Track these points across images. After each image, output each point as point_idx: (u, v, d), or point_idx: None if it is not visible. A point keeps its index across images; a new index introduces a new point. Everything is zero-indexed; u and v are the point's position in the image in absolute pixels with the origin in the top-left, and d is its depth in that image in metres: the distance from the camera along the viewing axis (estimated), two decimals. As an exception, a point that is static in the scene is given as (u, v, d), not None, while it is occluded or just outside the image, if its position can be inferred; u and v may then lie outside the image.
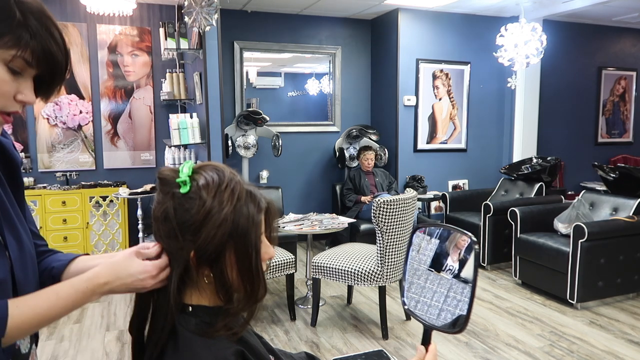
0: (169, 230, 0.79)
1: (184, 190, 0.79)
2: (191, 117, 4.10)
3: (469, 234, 0.88)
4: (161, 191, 0.81)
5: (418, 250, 0.96)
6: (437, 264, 0.91)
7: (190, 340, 0.78)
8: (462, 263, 0.87)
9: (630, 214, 3.81)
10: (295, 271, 3.51)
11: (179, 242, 0.79)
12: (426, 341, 0.90)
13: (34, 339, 0.95)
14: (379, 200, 3.07)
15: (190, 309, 0.82)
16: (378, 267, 3.13)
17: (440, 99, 5.52)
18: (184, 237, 0.78)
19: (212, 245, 0.77)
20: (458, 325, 0.86)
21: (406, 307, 0.96)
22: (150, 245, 0.85)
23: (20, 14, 0.70)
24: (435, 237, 0.93)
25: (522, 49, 4.45)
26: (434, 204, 5.57)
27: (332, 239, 5.08)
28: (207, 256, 0.78)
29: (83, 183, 4.61)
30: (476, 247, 0.86)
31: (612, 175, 4.19)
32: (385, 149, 5.38)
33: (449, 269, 0.89)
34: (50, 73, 0.76)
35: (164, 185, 0.81)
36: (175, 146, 4.25)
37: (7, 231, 0.84)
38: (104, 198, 4.52)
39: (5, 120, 0.77)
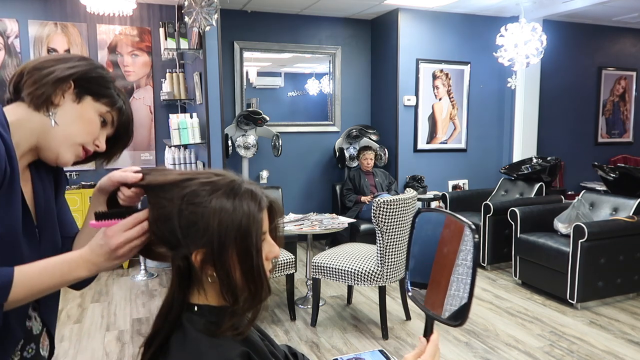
0: (169, 230, 0.79)
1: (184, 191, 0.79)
2: (191, 117, 4.10)
3: (468, 221, 0.85)
4: (158, 195, 0.82)
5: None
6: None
7: (197, 339, 0.78)
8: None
9: (630, 214, 3.81)
10: (295, 271, 3.51)
11: (179, 242, 0.79)
12: (428, 332, 0.87)
13: (46, 323, 1.02)
14: (379, 200, 3.07)
15: (196, 308, 0.82)
16: (378, 267, 3.13)
17: (440, 99, 5.52)
18: (185, 237, 0.78)
19: (214, 245, 0.77)
20: (459, 317, 0.82)
21: (410, 293, 0.95)
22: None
23: (114, 87, 1.01)
24: (445, 225, 0.92)
25: (522, 49, 4.45)
26: (434, 204, 5.56)
27: (332, 239, 5.08)
28: (209, 256, 0.78)
29: (83, 183, 4.61)
30: (476, 236, 0.82)
31: (612, 175, 4.19)
32: (385, 149, 5.38)
33: (469, 256, 0.85)
34: (121, 136, 1.04)
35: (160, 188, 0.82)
36: (175, 146, 4.25)
37: (43, 228, 0.98)
38: (104, 198, 4.52)
39: (82, 157, 1.00)
